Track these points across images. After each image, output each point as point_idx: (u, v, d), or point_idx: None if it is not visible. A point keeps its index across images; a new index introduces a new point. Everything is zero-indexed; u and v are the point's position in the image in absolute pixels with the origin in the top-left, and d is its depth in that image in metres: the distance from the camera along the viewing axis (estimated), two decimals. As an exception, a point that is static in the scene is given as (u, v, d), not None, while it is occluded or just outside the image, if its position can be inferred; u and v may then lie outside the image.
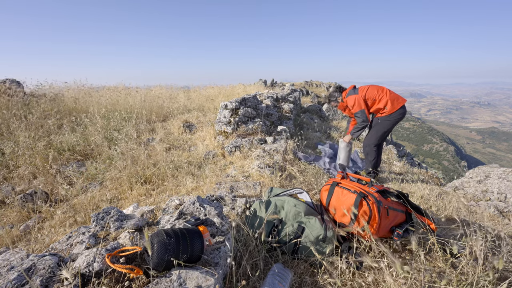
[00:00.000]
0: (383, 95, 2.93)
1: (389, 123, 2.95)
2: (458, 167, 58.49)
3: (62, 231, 1.95)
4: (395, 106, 2.87)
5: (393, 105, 2.87)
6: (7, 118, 3.84)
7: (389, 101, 2.89)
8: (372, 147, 3.06)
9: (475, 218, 2.27)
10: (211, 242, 1.09)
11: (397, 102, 2.89)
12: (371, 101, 2.96)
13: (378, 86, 3.02)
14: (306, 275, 1.28)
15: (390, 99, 2.90)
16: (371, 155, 3.10)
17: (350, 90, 3.11)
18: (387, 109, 2.90)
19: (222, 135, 3.88)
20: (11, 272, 0.89)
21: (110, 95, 5.67)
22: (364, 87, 3.04)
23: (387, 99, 2.89)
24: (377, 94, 2.93)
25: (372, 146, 3.06)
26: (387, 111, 2.90)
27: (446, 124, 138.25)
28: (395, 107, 2.88)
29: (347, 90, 3.15)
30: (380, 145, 3.14)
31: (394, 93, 2.96)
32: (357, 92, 2.98)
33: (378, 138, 3.03)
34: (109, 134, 3.80)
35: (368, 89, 2.98)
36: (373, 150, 3.07)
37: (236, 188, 2.18)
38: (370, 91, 2.96)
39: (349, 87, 3.18)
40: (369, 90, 2.97)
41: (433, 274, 1.21)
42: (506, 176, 3.22)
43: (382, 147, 3.15)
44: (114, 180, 2.72)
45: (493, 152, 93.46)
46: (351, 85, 3.20)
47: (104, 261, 0.97)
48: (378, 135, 3.02)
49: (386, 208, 1.44)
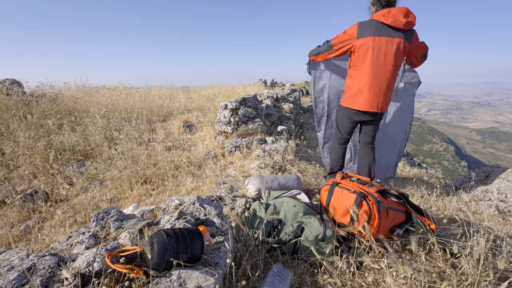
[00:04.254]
0: (363, 71, 2.02)
1: (342, 116, 2.27)
2: (458, 167, 58.50)
3: (62, 231, 1.95)
4: (351, 101, 2.13)
5: (350, 100, 2.14)
6: (7, 118, 3.84)
7: (352, 89, 2.10)
8: (334, 142, 2.48)
9: (475, 218, 2.27)
10: (211, 242, 1.09)
11: (356, 100, 2.09)
12: (353, 60, 2.08)
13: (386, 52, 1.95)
14: (306, 275, 1.28)
15: (356, 87, 2.06)
16: (330, 151, 2.51)
17: (374, 15, 2.00)
18: (343, 96, 2.20)
19: (222, 135, 3.88)
20: (11, 272, 0.89)
21: (110, 95, 5.67)
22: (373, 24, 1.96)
23: (354, 83, 2.08)
24: (360, 63, 2.03)
25: (334, 140, 2.49)
26: (343, 98, 2.21)
27: (446, 124, 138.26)
28: (350, 103, 2.14)
29: (377, 13, 1.98)
30: (340, 140, 2.39)
31: (374, 83, 2.01)
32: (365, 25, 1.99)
33: (336, 131, 2.41)
34: (109, 134, 3.80)
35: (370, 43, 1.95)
36: (333, 145, 2.48)
37: (236, 188, 2.18)
38: (364, 47, 1.97)
39: (383, 15, 1.93)
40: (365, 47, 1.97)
41: (433, 274, 1.21)
42: (506, 176, 3.22)
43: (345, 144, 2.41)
44: (114, 180, 2.72)
45: (493, 152, 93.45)
46: (391, 16, 1.91)
47: (104, 261, 0.97)
48: (336, 125, 2.40)
49: (386, 208, 1.44)
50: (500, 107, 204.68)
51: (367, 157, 2.31)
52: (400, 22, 1.90)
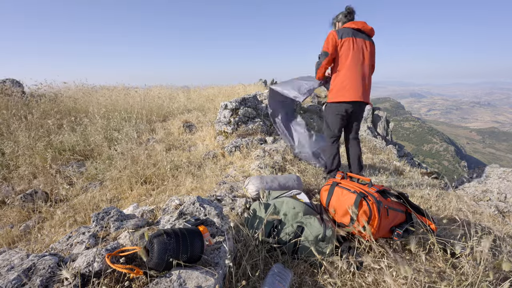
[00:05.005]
0: (346, 67, 2.26)
1: (331, 113, 2.42)
2: (458, 167, 58.53)
3: (62, 231, 1.95)
4: (339, 95, 2.31)
5: (337, 94, 2.32)
6: (7, 118, 3.84)
7: (338, 84, 2.31)
8: (326, 140, 2.58)
9: (475, 218, 2.27)
10: (211, 242, 1.09)
11: (342, 93, 2.29)
12: (336, 59, 2.33)
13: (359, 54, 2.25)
14: (306, 275, 1.28)
15: (341, 82, 2.28)
16: (324, 151, 2.62)
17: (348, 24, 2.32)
18: (331, 93, 2.38)
19: (222, 135, 3.88)
20: (11, 272, 0.89)
21: (110, 95, 5.68)
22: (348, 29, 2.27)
23: (339, 79, 2.29)
24: (343, 60, 2.27)
25: (326, 138, 2.58)
26: (329, 96, 2.40)
27: (446, 124, 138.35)
28: (338, 96, 2.32)
29: (348, 23, 2.33)
30: (332, 139, 2.52)
31: (357, 77, 2.25)
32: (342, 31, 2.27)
33: (327, 129, 2.52)
34: (109, 134, 3.80)
35: (351, 42, 2.23)
36: (326, 144, 2.57)
37: (236, 188, 2.18)
38: (346, 46, 2.23)
39: (353, 23, 2.31)
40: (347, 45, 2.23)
41: (433, 274, 1.21)
42: (506, 176, 3.22)
43: (336, 143, 2.54)
44: (114, 180, 2.72)
45: (493, 152, 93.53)
46: (359, 22, 2.32)
47: (104, 261, 0.97)
48: (326, 124, 2.52)
49: (386, 208, 1.44)
50: (500, 107, 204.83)
51: (357, 150, 2.54)
52: (368, 27, 2.33)
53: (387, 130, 11.85)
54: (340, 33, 2.26)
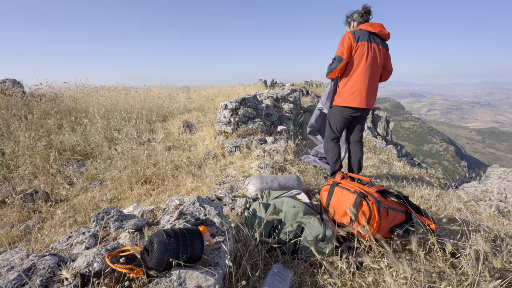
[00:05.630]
0: (358, 73, 2.21)
1: (337, 115, 2.41)
2: (458, 167, 58.54)
3: (62, 231, 1.95)
4: (349, 100, 2.29)
5: (347, 99, 2.30)
6: (7, 118, 3.84)
7: (348, 90, 2.27)
8: (327, 141, 2.59)
9: (475, 218, 2.27)
10: (211, 242, 1.09)
11: (352, 99, 2.27)
12: (349, 64, 2.24)
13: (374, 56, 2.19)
14: (306, 275, 1.28)
15: (351, 87, 2.24)
16: (327, 152, 2.62)
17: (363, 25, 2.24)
18: (339, 97, 2.35)
19: (222, 135, 3.88)
20: (11, 272, 0.89)
21: (110, 95, 5.68)
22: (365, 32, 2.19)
23: (349, 84, 2.25)
24: (356, 65, 2.21)
25: (327, 139, 2.60)
26: (337, 100, 2.38)
27: (446, 124, 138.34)
28: (347, 101, 2.30)
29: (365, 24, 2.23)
30: (333, 140, 2.56)
31: (368, 84, 2.22)
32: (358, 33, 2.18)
33: (329, 131, 2.53)
34: (109, 134, 3.80)
35: (366, 47, 2.16)
36: (329, 145, 2.58)
37: (236, 188, 2.18)
38: (360, 51, 2.17)
39: (370, 25, 2.21)
40: (362, 50, 2.16)
41: (433, 274, 1.21)
42: (506, 176, 3.22)
43: (337, 143, 2.57)
44: (114, 180, 2.72)
45: (493, 152, 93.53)
46: (377, 26, 2.22)
47: (104, 261, 0.97)
48: (328, 125, 2.53)
49: (386, 208, 1.44)
50: (500, 107, 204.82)
51: (358, 153, 2.56)
52: (384, 32, 2.23)
53: (387, 130, 11.84)
54: (357, 35, 2.17)
